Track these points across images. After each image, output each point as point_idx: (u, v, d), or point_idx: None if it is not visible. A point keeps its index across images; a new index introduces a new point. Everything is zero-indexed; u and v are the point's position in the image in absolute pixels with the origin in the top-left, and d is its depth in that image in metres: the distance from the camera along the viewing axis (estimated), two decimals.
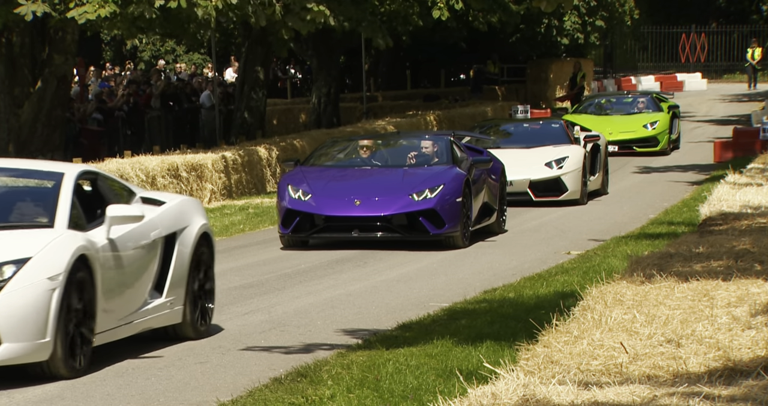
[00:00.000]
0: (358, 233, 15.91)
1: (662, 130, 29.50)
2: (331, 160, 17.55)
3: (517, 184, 20.02)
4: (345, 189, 16.32)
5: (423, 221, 15.86)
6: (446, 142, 17.29)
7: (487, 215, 17.31)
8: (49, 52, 24.46)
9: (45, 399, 8.45)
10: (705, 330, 6.90)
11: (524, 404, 5.30)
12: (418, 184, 16.15)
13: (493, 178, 17.60)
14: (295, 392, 8.21)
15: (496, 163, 17.93)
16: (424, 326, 10.63)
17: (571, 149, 21.10)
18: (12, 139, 24.20)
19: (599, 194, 22.18)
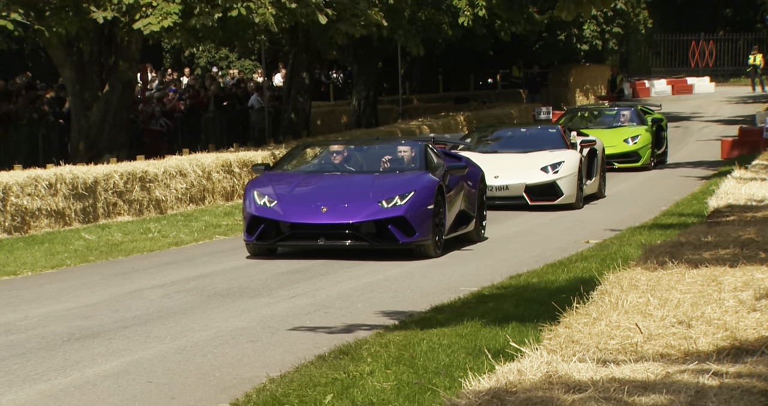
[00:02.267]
0: (325, 241, 14.25)
1: (644, 145, 25.93)
2: (301, 165, 15.82)
3: (513, 188, 19.28)
4: (312, 195, 14.63)
5: (392, 228, 14.18)
6: (421, 147, 15.54)
7: (464, 222, 15.64)
8: (115, 59, 24.58)
9: (112, 374, 8.50)
10: (713, 312, 6.87)
11: (547, 379, 5.29)
12: (388, 190, 14.45)
13: (471, 185, 15.91)
14: (338, 369, 8.22)
15: (474, 170, 16.26)
16: (455, 309, 10.63)
17: (566, 154, 19.96)
18: (82, 139, 24.35)
19: (596, 198, 21.10)
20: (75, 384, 8.22)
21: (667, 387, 5.11)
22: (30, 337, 9.83)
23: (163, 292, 12.10)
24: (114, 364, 8.81)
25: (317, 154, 16.13)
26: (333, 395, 7.46)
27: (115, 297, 11.88)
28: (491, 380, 5.34)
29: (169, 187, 20.33)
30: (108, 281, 12.96)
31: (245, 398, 7.58)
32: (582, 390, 5.07)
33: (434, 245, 14.42)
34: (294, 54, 31.28)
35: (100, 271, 13.86)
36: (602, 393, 5.01)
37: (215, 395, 7.86)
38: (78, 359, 8.97)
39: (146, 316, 10.77)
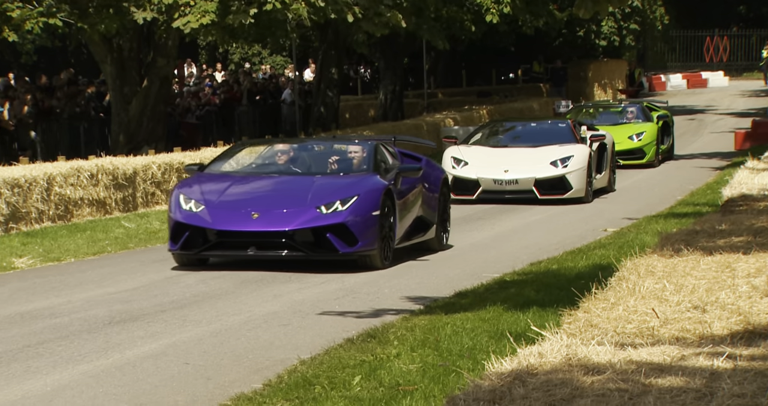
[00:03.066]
0: (255, 250, 12.31)
1: (649, 142, 24.73)
2: (237, 166, 13.82)
3: (522, 182, 18.66)
4: (243, 200, 12.69)
5: (331, 237, 12.27)
6: (371, 147, 13.60)
7: (421, 230, 13.80)
8: (153, 55, 24.66)
9: (151, 356, 8.53)
10: (727, 298, 6.83)
11: (567, 362, 5.27)
12: (329, 195, 12.57)
13: (431, 189, 14.08)
14: (366, 351, 8.22)
15: (435, 172, 14.44)
16: (478, 294, 10.61)
17: (576, 148, 19.22)
18: (122, 131, 24.46)
19: (606, 192, 20.43)
20: (116, 365, 8.25)
21: (682, 369, 5.09)
22: (73, 320, 9.88)
23: (199, 278, 12.13)
24: (153, 346, 8.84)
25: (259, 153, 14.13)
26: (361, 377, 7.47)
27: (153, 283, 11.92)
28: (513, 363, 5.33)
29: None
30: (146, 267, 13.01)
31: (277, 379, 7.60)
32: (600, 372, 5.05)
33: (381, 256, 12.54)
34: (323, 50, 31.30)
35: (139, 257, 13.91)
36: (620, 375, 4.99)
37: (249, 376, 7.88)
38: (118, 341, 9.01)
39: (183, 301, 10.81)
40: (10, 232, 15.96)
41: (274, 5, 21.66)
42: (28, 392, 7.54)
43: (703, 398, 4.65)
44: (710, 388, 4.77)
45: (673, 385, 4.82)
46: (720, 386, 4.77)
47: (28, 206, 16.49)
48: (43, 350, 8.70)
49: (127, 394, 7.48)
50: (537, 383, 4.90)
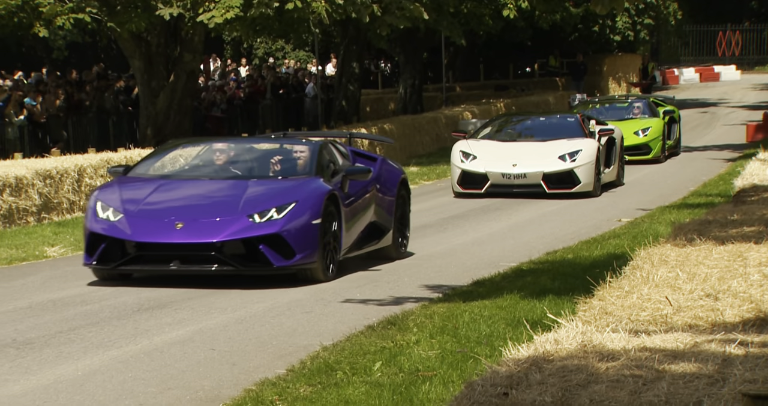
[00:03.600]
0: (179, 265, 10.71)
1: (655, 137, 23.83)
2: (166, 168, 12.06)
3: (530, 176, 18.16)
4: (167, 208, 11.04)
5: (264, 249, 10.68)
6: (315, 147, 11.92)
7: (375, 237, 12.28)
8: (180, 50, 24.70)
9: (178, 342, 8.56)
10: (739, 286, 6.80)
11: (582, 348, 5.26)
12: (263, 201, 10.96)
13: (386, 191, 12.53)
14: (386, 338, 8.23)
15: (392, 173, 12.85)
16: (495, 283, 10.60)
17: (584, 143, 18.68)
18: (150, 124, 24.52)
19: (614, 186, 19.86)
20: (144, 351, 8.28)
21: (695, 356, 5.07)
22: (103, 307, 9.91)
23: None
24: (180, 332, 8.87)
25: (193, 154, 12.44)
26: (381, 363, 7.47)
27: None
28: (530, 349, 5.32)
29: None
30: None
31: (300, 364, 7.61)
32: (615, 359, 5.04)
33: (323, 268, 11.02)
34: (345, 45, 31.28)
35: None
36: (634, 361, 4.98)
37: (273, 361, 7.90)
38: (147, 327, 9.04)
39: (209, 288, 10.82)
40: (42, 222, 16.03)
41: (296, 4, 21.68)
42: (60, 377, 7.58)
43: (716, 383, 4.63)
44: (722, 374, 4.75)
45: (686, 371, 4.81)
46: (732, 372, 4.75)
47: (59, 197, 16.56)
48: (74, 336, 8.74)
49: (155, 378, 7.50)
50: (553, 369, 4.89)
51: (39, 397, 7.10)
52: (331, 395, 6.74)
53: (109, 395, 7.12)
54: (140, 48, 24.22)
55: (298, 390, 6.92)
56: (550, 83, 44.68)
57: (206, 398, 7.02)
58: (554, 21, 36.43)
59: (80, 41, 42.21)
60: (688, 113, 38.63)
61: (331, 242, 11.22)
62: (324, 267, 11.07)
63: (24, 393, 7.18)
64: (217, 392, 7.12)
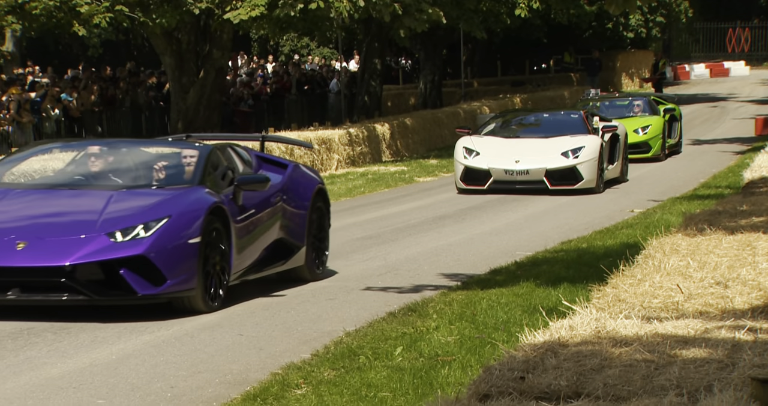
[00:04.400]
0: (18, 293, 8.60)
1: (655, 135, 22.69)
2: (23, 174, 9.87)
3: (533, 172, 17.39)
4: (7, 224, 8.87)
5: (126, 274, 8.62)
6: (204, 152, 9.76)
7: (281, 256, 10.13)
8: (209, 48, 24.75)
9: (207, 327, 8.58)
10: (748, 274, 6.76)
11: (596, 334, 5.25)
12: (129, 216, 8.87)
13: (298, 203, 10.35)
14: (407, 324, 8.22)
15: (305, 182, 10.62)
16: (511, 271, 10.57)
17: (587, 139, 17.88)
18: (180, 119, 24.59)
19: (618, 182, 19.02)
20: (175, 336, 8.30)
21: (705, 342, 5.05)
22: None
23: None
24: (209, 318, 8.88)
25: (61, 157, 10.15)
26: (402, 348, 7.47)
27: None
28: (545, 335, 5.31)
29: None
30: None
31: (324, 349, 7.61)
32: (628, 344, 5.02)
33: (204, 296, 8.96)
34: (367, 43, 31.26)
35: None
36: (646, 347, 4.96)
37: (298, 346, 7.90)
38: (177, 313, 9.06)
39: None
40: None
41: (318, 4, 21.69)
42: (95, 360, 7.61)
43: (726, 368, 4.61)
44: (732, 359, 4.73)
45: (696, 356, 4.79)
46: (741, 357, 4.73)
47: None
48: (108, 322, 8.76)
49: (186, 362, 7.52)
50: (568, 354, 4.87)
51: (75, 379, 7.13)
52: (354, 379, 6.74)
53: (141, 377, 7.15)
54: (171, 45, 24.28)
55: (323, 374, 6.93)
56: (565, 79, 44.52)
57: (234, 381, 7.04)
58: (569, 18, 36.29)
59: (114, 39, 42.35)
60: (699, 107, 38.44)
61: (216, 266, 9.11)
62: (206, 295, 8.96)
63: (61, 376, 7.22)
64: (245, 376, 7.14)
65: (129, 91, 25.32)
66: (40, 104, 22.00)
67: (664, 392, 4.30)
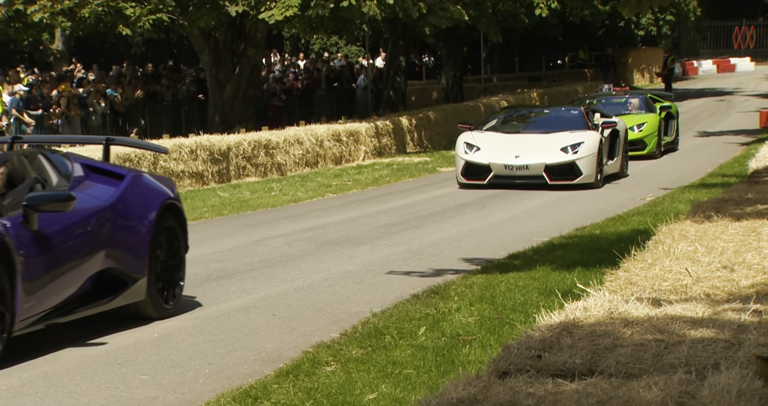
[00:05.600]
0: None
1: (650, 133, 21.62)
2: None
3: (532, 167, 16.64)
4: None
5: None
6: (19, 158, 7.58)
7: (110, 292, 7.76)
8: (245, 46, 24.76)
9: (242, 308, 8.59)
10: (753, 259, 6.71)
11: (609, 315, 5.22)
12: None
13: (134, 225, 7.96)
14: (429, 305, 8.21)
15: (148, 198, 8.19)
16: (528, 256, 10.54)
17: (587, 135, 17.09)
18: (217, 112, 24.63)
19: (618, 177, 18.23)
20: (213, 316, 8.33)
21: (713, 322, 5.01)
22: None
23: (284, 240, 12.20)
24: (244, 300, 8.91)
25: None
26: (426, 328, 7.46)
27: (244, 245, 12.01)
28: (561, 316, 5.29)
29: (288, 153, 20.46)
30: (238, 231, 13.10)
31: (352, 329, 7.62)
32: (639, 324, 4.99)
33: None
34: (393, 41, 31.21)
35: (232, 223, 14.01)
36: (657, 327, 4.93)
37: (327, 326, 7.91)
38: (215, 295, 9.09)
39: (270, 260, 10.87)
40: None
41: (350, 2, 21.65)
42: (138, 338, 7.64)
43: (732, 347, 4.58)
44: (738, 339, 4.69)
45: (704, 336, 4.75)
46: (747, 337, 4.69)
47: None
48: None
49: (223, 341, 7.55)
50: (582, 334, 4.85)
51: (120, 356, 7.17)
52: (380, 357, 6.74)
53: (182, 355, 7.18)
54: (209, 44, 24.32)
55: (351, 352, 6.93)
56: (580, 75, 44.30)
57: (268, 358, 7.05)
58: (583, 17, 36.11)
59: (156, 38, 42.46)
60: (706, 101, 38.17)
61: None
62: None
63: (108, 353, 7.26)
64: (278, 354, 7.15)
65: (170, 87, 25.39)
66: (86, 99, 22.09)
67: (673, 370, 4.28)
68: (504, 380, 4.22)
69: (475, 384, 4.09)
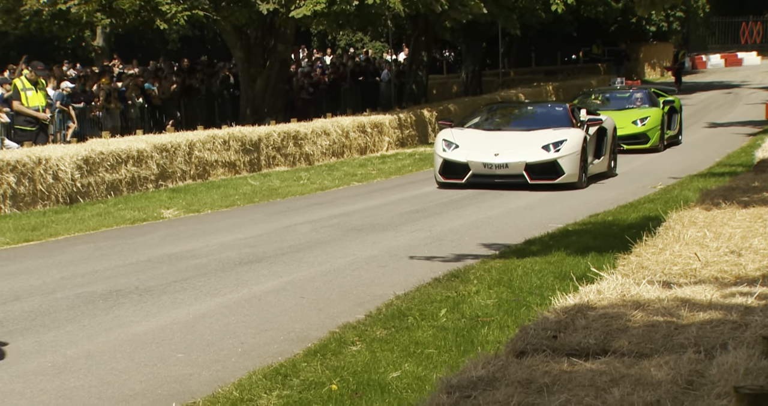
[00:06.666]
0: None
1: (653, 127, 20.80)
2: None
3: (512, 166, 15.20)
4: None
5: None
6: None
7: None
8: (275, 42, 24.77)
9: (273, 290, 8.61)
10: (760, 244, 6.66)
11: (621, 298, 5.19)
12: None
13: None
14: (450, 288, 8.21)
15: None
16: (544, 241, 10.51)
17: (570, 132, 15.65)
18: (249, 105, 24.67)
19: (606, 177, 16.83)
20: (244, 298, 8.36)
21: (720, 305, 4.98)
22: (210, 261, 10.02)
23: (312, 227, 12.21)
24: (274, 283, 8.93)
25: None
26: (446, 310, 7.46)
27: (274, 230, 12.03)
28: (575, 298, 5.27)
29: (315, 144, 20.47)
30: (269, 218, 13.13)
31: (377, 311, 7.62)
32: (650, 307, 4.97)
33: None
34: (415, 37, 31.14)
35: (263, 210, 14.05)
36: (667, 309, 4.90)
37: (353, 308, 7.92)
38: (246, 278, 9.12)
39: (299, 245, 10.89)
40: (159, 188, 16.23)
41: (375, 0, 21.62)
42: (174, 319, 7.68)
43: (739, 328, 4.54)
44: (745, 320, 4.66)
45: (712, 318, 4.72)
46: (753, 319, 4.66)
47: (173, 167, 16.75)
48: (186, 285, 8.84)
49: (254, 321, 7.57)
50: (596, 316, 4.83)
51: (157, 336, 7.20)
52: (403, 337, 6.74)
53: (215, 335, 7.21)
54: (241, 40, 24.35)
55: (375, 333, 6.94)
56: (593, 69, 44.09)
57: (297, 338, 7.07)
58: (597, 14, 35.92)
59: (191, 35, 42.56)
60: (714, 94, 37.86)
61: None
62: None
63: (145, 332, 7.30)
64: (306, 334, 7.17)
65: (204, 81, 25.43)
66: (125, 93, 22.17)
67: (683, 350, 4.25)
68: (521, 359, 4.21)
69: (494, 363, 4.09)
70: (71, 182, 14.48)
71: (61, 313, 7.88)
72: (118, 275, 9.26)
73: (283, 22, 23.70)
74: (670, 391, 3.66)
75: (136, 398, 5.82)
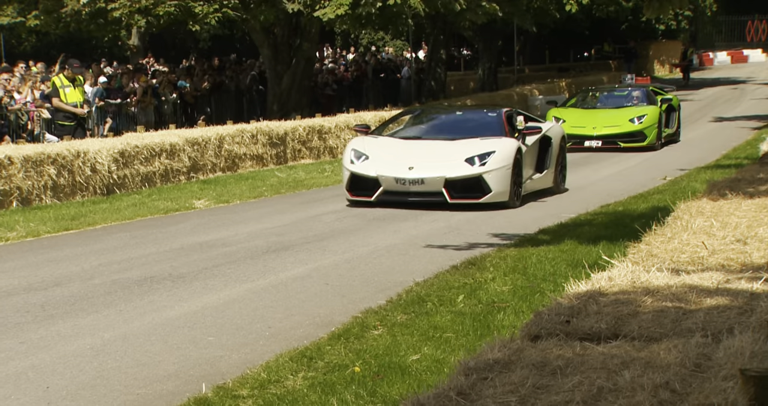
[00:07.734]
0: None
1: (650, 125, 19.62)
2: None
3: (429, 182, 12.30)
4: None
5: None
6: None
7: None
8: (300, 41, 24.77)
9: (298, 277, 8.62)
10: (765, 232, 6.60)
11: (632, 284, 5.17)
12: None
13: None
14: (467, 276, 8.19)
15: None
16: (557, 231, 10.47)
17: (500, 143, 12.67)
18: (276, 101, 24.70)
19: (553, 193, 13.91)
20: (272, 284, 8.37)
21: (727, 291, 4.94)
22: (239, 249, 10.04)
23: (336, 217, 12.21)
24: (300, 270, 8.94)
25: None
26: (464, 296, 7.45)
27: (300, 220, 12.04)
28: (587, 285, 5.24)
29: (339, 138, 20.47)
30: (295, 208, 13.14)
31: (397, 297, 7.62)
32: (659, 293, 4.94)
33: None
34: (434, 35, 31.08)
35: (289, 200, 14.06)
36: (675, 295, 4.87)
37: (374, 294, 7.92)
38: (274, 266, 9.14)
39: (323, 234, 10.89)
40: (191, 180, 16.28)
41: (396, 1, 21.58)
42: (206, 304, 7.71)
43: (745, 313, 4.51)
44: (750, 306, 4.63)
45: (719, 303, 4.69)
46: (758, 304, 4.63)
47: (204, 160, 16.79)
48: (217, 272, 8.87)
49: (281, 307, 7.58)
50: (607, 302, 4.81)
51: (189, 320, 7.23)
52: (423, 322, 6.74)
53: (244, 319, 7.23)
54: (268, 39, 24.37)
55: (396, 318, 6.94)
56: (604, 65, 43.88)
57: (321, 323, 7.08)
58: (608, 13, 35.75)
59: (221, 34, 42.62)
60: (721, 89, 37.57)
61: None
62: None
63: (178, 317, 7.33)
64: (330, 319, 7.18)
65: (233, 78, 25.47)
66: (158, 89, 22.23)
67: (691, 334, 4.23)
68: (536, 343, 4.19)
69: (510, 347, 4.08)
70: (108, 174, 14.55)
71: (98, 298, 7.92)
72: (152, 262, 9.30)
73: (309, 22, 23.71)
74: (678, 373, 3.64)
75: (169, 379, 5.85)
